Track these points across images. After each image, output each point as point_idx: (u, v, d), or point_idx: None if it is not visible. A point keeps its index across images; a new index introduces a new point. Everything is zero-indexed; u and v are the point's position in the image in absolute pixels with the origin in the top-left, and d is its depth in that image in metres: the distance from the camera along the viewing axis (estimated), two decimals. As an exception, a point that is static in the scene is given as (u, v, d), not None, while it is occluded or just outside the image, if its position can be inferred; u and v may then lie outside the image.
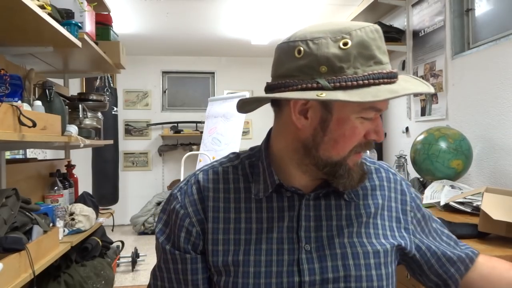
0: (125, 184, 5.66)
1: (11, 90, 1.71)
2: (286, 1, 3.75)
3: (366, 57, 0.65)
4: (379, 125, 0.71)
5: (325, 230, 0.75)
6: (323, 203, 0.77)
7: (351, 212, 0.77)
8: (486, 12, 2.44)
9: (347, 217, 0.77)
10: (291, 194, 0.76)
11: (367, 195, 0.80)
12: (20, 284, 1.46)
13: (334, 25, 0.67)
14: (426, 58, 2.92)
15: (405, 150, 2.72)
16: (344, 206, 0.77)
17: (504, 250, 1.29)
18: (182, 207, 0.77)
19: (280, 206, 0.76)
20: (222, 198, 0.77)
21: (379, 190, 0.81)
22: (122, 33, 4.35)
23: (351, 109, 0.68)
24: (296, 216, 0.75)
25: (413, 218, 0.82)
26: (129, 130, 5.94)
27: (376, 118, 0.70)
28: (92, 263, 2.37)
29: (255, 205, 0.76)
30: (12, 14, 1.54)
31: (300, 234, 0.74)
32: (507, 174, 2.13)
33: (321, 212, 0.76)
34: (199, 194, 0.77)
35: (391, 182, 0.83)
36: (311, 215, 0.76)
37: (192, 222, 0.75)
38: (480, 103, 2.34)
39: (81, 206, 2.28)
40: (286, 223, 0.75)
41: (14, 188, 1.63)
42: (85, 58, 2.49)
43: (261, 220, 0.75)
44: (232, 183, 0.78)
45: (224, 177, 0.79)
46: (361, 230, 0.77)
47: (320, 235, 0.75)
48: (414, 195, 0.85)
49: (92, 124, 2.42)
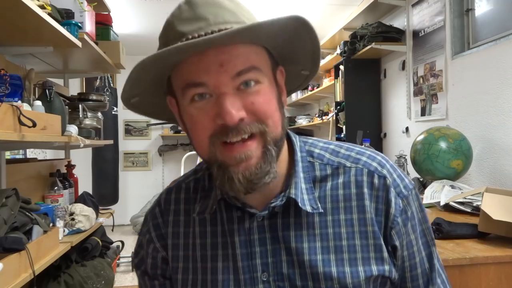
0: (125, 184, 5.66)
1: (11, 90, 1.71)
2: (286, 1, 3.75)
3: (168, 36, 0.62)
4: (220, 104, 0.57)
5: (284, 254, 0.64)
6: (279, 222, 0.64)
7: (315, 231, 0.64)
8: (486, 12, 2.44)
9: (310, 238, 0.63)
10: (241, 214, 0.66)
11: (337, 209, 0.65)
12: (20, 284, 1.46)
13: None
14: (426, 58, 2.92)
15: (405, 150, 2.72)
16: (305, 225, 0.64)
17: (504, 250, 1.29)
18: (147, 232, 0.74)
19: (230, 229, 0.67)
20: (183, 222, 0.71)
21: (356, 199, 0.65)
22: (122, 33, 4.35)
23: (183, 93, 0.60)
24: (248, 241, 0.65)
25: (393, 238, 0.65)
26: (129, 130, 5.94)
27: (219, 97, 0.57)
28: (92, 263, 2.37)
29: (210, 228, 0.68)
30: (12, 14, 1.54)
31: (254, 262, 0.64)
32: (507, 174, 2.13)
33: (277, 232, 0.64)
34: (161, 218, 0.73)
35: (374, 189, 0.65)
36: (266, 237, 0.64)
37: (156, 248, 0.72)
38: (480, 103, 2.34)
39: (81, 206, 2.28)
40: (239, 249, 0.65)
41: (14, 188, 1.63)
42: (85, 58, 2.49)
43: (216, 246, 0.67)
44: (191, 203, 0.71)
45: (186, 196, 0.72)
46: (328, 257, 0.63)
47: (279, 259, 0.64)
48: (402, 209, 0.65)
49: (92, 124, 2.42)
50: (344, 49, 3.69)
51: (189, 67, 0.58)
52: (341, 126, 3.90)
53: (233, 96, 0.57)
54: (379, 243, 0.64)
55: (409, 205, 0.66)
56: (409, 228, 0.66)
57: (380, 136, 3.65)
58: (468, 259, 1.23)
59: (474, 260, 1.23)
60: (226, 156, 0.59)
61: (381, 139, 3.65)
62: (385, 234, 0.65)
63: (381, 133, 3.65)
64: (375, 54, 3.50)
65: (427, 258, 0.68)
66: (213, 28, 0.57)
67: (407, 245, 0.66)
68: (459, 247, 1.32)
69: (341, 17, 4.04)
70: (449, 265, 1.20)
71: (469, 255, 1.24)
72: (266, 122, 0.59)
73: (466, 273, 1.23)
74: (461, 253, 1.25)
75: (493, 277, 1.24)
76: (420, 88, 3.01)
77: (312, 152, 0.69)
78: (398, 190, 0.66)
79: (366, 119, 3.63)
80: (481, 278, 1.24)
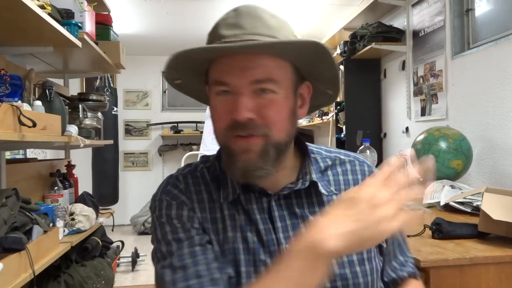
0: (125, 184, 5.65)
1: (11, 90, 1.71)
2: (286, 1, 3.75)
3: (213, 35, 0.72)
4: (236, 101, 0.66)
5: (303, 227, 0.73)
6: (294, 202, 0.75)
7: (326, 207, 0.73)
8: (486, 12, 2.44)
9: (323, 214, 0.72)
10: (259, 195, 0.74)
11: (340, 190, 0.79)
12: (20, 284, 1.46)
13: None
14: (426, 58, 2.92)
15: (405, 150, 2.72)
16: (317, 204, 0.76)
17: (504, 250, 1.29)
18: (172, 198, 0.74)
19: (250, 208, 0.74)
20: (196, 200, 0.75)
21: (353, 184, 0.80)
22: (122, 33, 4.35)
23: (211, 87, 0.70)
24: (268, 219, 0.73)
25: None
26: (129, 130, 5.94)
27: (236, 94, 0.67)
28: (92, 263, 2.37)
29: (228, 212, 0.73)
30: (12, 14, 1.54)
31: (278, 236, 0.72)
32: (507, 174, 2.13)
33: (294, 209, 0.75)
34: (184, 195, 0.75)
35: (365, 175, 0.81)
36: (285, 214, 0.74)
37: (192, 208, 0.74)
38: (480, 103, 2.34)
39: (81, 206, 2.28)
40: (261, 225, 0.73)
41: (14, 188, 1.63)
42: (85, 58, 2.49)
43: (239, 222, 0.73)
44: (202, 184, 0.76)
45: (194, 181, 0.77)
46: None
47: (299, 232, 0.71)
48: None
49: (92, 124, 2.42)
50: (344, 49, 3.69)
51: (220, 66, 0.68)
52: (341, 126, 3.90)
53: (248, 97, 0.66)
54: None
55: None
56: None
57: (380, 136, 3.65)
58: (468, 259, 1.23)
59: (474, 260, 1.23)
60: (234, 145, 0.68)
61: (381, 139, 3.65)
62: None
63: (381, 133, 3.65)
64: (375, 54, 3.50)
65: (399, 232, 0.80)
66: (246, 37, 0.66)
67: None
68: (459, 247, 1.32)
69: (341, 17, 4.04)
70: (449, 265, 1.20)
71: (469, 255, 1.24)
72: (271, 126, 0.68)
73: (466, 273, 1.23)
74: (461, 253, 1.25)
75: (493, 277, 1.24)
76: (420, 88, 3.01)
77: (311, 150, 0.82)
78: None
79: (366, 119, 3.63)
80: (481, 278, 1.24)
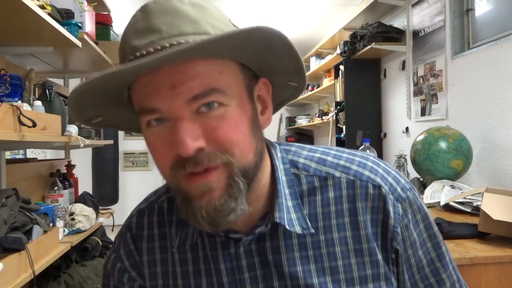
0: (125, 184, 5.65)
1: (11, 90, 1.71)
2: (286, 1, 3.75)
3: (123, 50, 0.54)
4: (174, 132, 0.50)
5: (276, 279, 0.59)
6: (268, 245, 0.59)
7: (308, 253, 0.59)
8: (486, 12, 2.44)
9: (304, 261, 0.59)
10: (225, 238, 0.60)
11: (330, 227, 0.60)
12: (20, 284, 1.46)
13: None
14: (426, 58, 2.92)
15: (405, 150, 2.72)
16: (297, 246, 0.59)
17: (504, 250, 1.29)
18: (118, 260, 0.66)
19: (214, 255, 0.60)
20: (158, 248, 0.64)
21: (348, 216, 0.60)
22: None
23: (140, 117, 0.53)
24: (236, 268, 0.60)
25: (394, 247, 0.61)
26: (129, 130, 5.94)
27: (174, 124, 0.50)
28: (92, 263, 2.37)
29: (190, 255, 0.62)
30: (12, 14, 1.54)
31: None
32: (507, 174, 2.13)
33: (267, 257, 0.59)
34: (133, 244, 0.65)
35: (369, 200, 0.60)
36: (255, 262, 0.59)
37: (131, 277, 0.65)
38: (480, 103, 2.34)
39: (81, 206, 2.28)
40: (225, 277, 0.60)
41: (14, 188, 1.63)
42: (85, 58, 2.49)
43: (199, 273, 0.61)
44: (166, 226, 0.64)
45: (159, 219, 0.65)
46: (325, 279, 0.59)
47: (271, 285, 0.59)
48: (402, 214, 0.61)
49: (92, 124, 2.42)
50: (344, 49, 3.69)
51: (141, 89, 0.51)
52: (341, 126, 3.90)
53: (190, 121, 0.50)
54: (376, 259, 0.60)
55: (409, 206, 0.62)
56: (411, 229, 0.62)
57: (380, 136, 3.65)
58: (468, 259, 1.23)
59: (474, 260, 1.23)
60: (189, 186, 0.52)
61: (381, 139, 3.65)
62: (384, 244, 0.61)
63: (381, 133, 3.65)
64: (375, 54, 3.50)
65: (432, 248, 0.64)
66: (165, 42, 0.50)
67: (411, 244, 0.62)
68: (459, 247, 1.32)
69: (341, 17, 4.04)
70: (449, 265, 1.20)
71: (469, 255, 1.24)
72: (231, 151, 0.51)
73: (466, 273, 1.22)
74: (461, 253, 1.25)
75: (493, 277, 1.25)
76: (420, 88, 3.01)
77: (296, 162, 0.62)
78: (396, 195, 0.61)
79: (366, 119, 3.63)
80: (481, 278, 1.24)
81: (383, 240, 0.60)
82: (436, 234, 0.65)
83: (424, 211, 0.65)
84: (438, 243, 0.65)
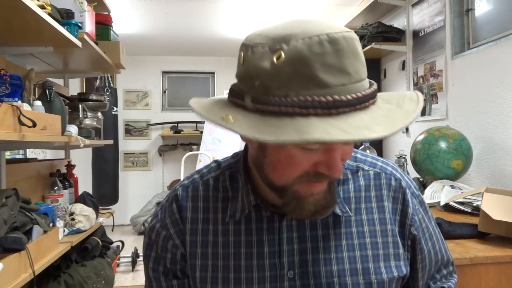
0: (125, 184, 5.65)
1: (11, 90, 1.71)
2: (286, 1, 3.75)
3: (303, 77, 0.51)
4: (331, 158, 0.56)
5: (310, 253, 0.66)
6: (307, 222, 0.67)
7: (341, 230, 0.68)
8: (486, 12, 2.44)
9: (337, 237, 0.67)
10: (271, 214, 0.68)
11: (360, 210, 0.69)
12: (20, 284, 1.46)
13: (285, 29, 0.54)
14: (426, 58, 2.92)
15: (405, 150, 2.72)
16: (332, 224, 0.68)
17: (504, 250, 1.29)
18: (164, 228, 0.72)
19: (259, 228, 0.68)
20: (201, 219, 0.70)
21: (375, 201, 0.70)
22: (122, 33, 4.35)
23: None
24: (277, 240, 0.67)
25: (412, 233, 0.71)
26: (129, 130, 5.93)
27: (329, 149, 0.56)
28: (92, 263, 2.37)
29: (233, 227, 0.69)
30: (12, 14, 1.54)
31: (282, 260, 0.66)
32: (507, 174, 2.12)
33: (305, 232, 0.67)
34: (179, 214, 0.71)
35: (391, 190, 0.71)
36: (294, 237, 0.67)
37: (175, 244, 0.71)
38: (480, 103, 2.34)
39: (81, 206, 2.28)
40: (266, 248, 0.67)
41: (14, 188, 1.63)
42: (85, 58, 2.49)
43: (239, 244, 0.68)
44: (211, 201, 0.71)
45: (204, 194, 0.72)
46: (354, 254, 0.67)
47: (305, 258, 0.66)
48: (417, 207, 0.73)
49: (92, 124, 2.42)
50: (344, 49, 3.69)
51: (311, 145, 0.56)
52: (341, 126, 3.89)
53: (339, 150, 0.58)
54: (396, 241, 0.69)
55: (422, 202, 0.75)
56: (426, 222, 0.74)
57: (380, 136, 3.65)
58: (468, 259, 1.23)
59: (474, 260, 1.23)
60: (304, 189, 0.59)
61: (381, 139, 3.65)
62: (402, 231, 0.71)
63: (381, 133, 3.65)
64: (375, 54, 3.50)
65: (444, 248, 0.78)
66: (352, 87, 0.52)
67: (429, 237, 0.74)
68: (459, 247, 1.32)
69: (341, 17, 4.04)
70: (449, 265, 1.20)
71: (469, 255, 1.24)
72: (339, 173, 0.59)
73: (466, 273, 1.23)
74: (461, 253, 1.25)
75: (493, 277, 1.25)
76: (420, 88, 3.01)
77: None
78: (412, 191, 0.73)
79: (366, 119, 3.62)
80: (481, 278, 1.24)
81: (401, 227, 0.71)
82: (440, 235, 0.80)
83: (431, 212, 0.78)
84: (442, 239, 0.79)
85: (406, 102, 0.59)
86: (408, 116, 0.55)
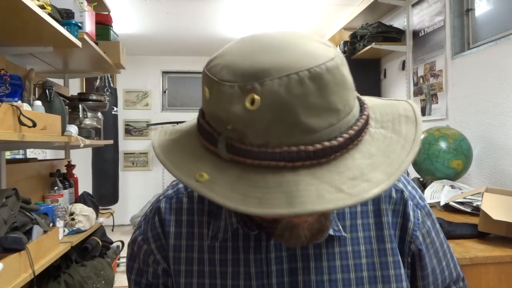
0: (125, 184, 5.65)
1: (11, 90, 1.71)
2: (286, 1, 3.75)
3: (285, 124, 0.43)
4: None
5: (301, 274, 0.61)
6: None
7: (334, 250, 0.62)
8: (486, 12, 2.44)
9: (330, 257, 0.62)
10: (258, 231, 0.62)
11: (355, 226, 0.63)
12: (20, 284, 1.46)
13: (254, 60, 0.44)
14: (426, 58, 2.92)
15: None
16: (324, 243, 0.62)
17: (504, 250, 1.29)
18: (144, 242, 0.68)
19: (245, 246, 0.62)
20: (185, 234, 0.65)
21: (373, 216, 0.64)
22: (122, 33, 4.35)
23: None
24: (264, 260, 0.61)
25: (412, 250, 0.65)
26: (129, 130, 5.93)
27: None
28: (92, 263, 2.37)
29: (219, 244, 0.63)
30: (12, 14, 1.54)
31: (271, 282, 0.61)
32: (507, 174, 2.12)
33: (296, 251, 0.62)
34: (161, 228, 0.67)
35: (391, 204, 0.65)
36: (283, 256, 0.62)
37: (156, 259, 0.67)
38: (480, 103, 2.34)
39: (81, 206, 2.28)
40: (253, 268, 0.62)
41: (14, 188, 1.63)
42: (85, 58, 2.49)
43: (226, 262, 0.63)
44: (196, 214, 0.66)
45: (188, 206, 0.66)
46: (348, 276, 0.61)
47: (295, 280, 0.61)
48: (421, 221, 0.66)
49: (92, 124, 2.42)
50: (344, 49, 3.69)
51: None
52: (341, 126, 3.89)
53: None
54: (397, 260, 0.63)
55: (428, 214, 0.68)
56: (433, 237, 0.68)
57: (380, 136, 3.65)
58: (468, 259, 1.23)
59: (474, 260, 1.23)
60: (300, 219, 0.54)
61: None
62: (402, 248, 0.64)
63: (381, 133, 3.65)
64: (375, 54, 3.50)
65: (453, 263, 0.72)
66: (343, 123, 0.46)
67: (435, 252, 0.68)
68: (459, 247, 1.32)
69: (341, 17, 4.04)
70: (449, 265, 1.20)
71: (469, 255, 1.24)
72: None
73: (466, 273, 1.22)
74: (461, 253, 1.25)
75: (493, 277, 1.25)
76: (420, 88, 3.01)
77: None
78: (416, 202, 0.66)
79: (366, 119, 3.62)
80: (481, 278, 1.24)
81: (401, 243, 0.64)
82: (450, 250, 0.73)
83: (439, 224, 0.71)
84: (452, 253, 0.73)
85: (403, 123, 0.52)
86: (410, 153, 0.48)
